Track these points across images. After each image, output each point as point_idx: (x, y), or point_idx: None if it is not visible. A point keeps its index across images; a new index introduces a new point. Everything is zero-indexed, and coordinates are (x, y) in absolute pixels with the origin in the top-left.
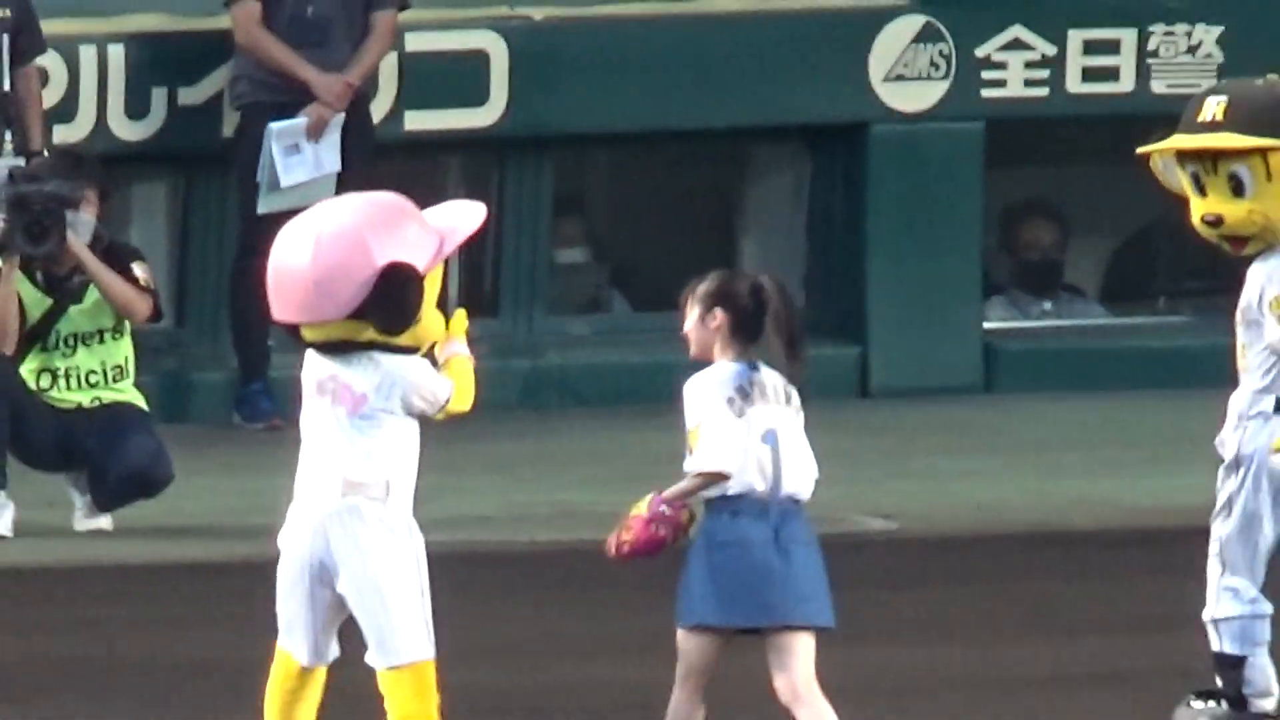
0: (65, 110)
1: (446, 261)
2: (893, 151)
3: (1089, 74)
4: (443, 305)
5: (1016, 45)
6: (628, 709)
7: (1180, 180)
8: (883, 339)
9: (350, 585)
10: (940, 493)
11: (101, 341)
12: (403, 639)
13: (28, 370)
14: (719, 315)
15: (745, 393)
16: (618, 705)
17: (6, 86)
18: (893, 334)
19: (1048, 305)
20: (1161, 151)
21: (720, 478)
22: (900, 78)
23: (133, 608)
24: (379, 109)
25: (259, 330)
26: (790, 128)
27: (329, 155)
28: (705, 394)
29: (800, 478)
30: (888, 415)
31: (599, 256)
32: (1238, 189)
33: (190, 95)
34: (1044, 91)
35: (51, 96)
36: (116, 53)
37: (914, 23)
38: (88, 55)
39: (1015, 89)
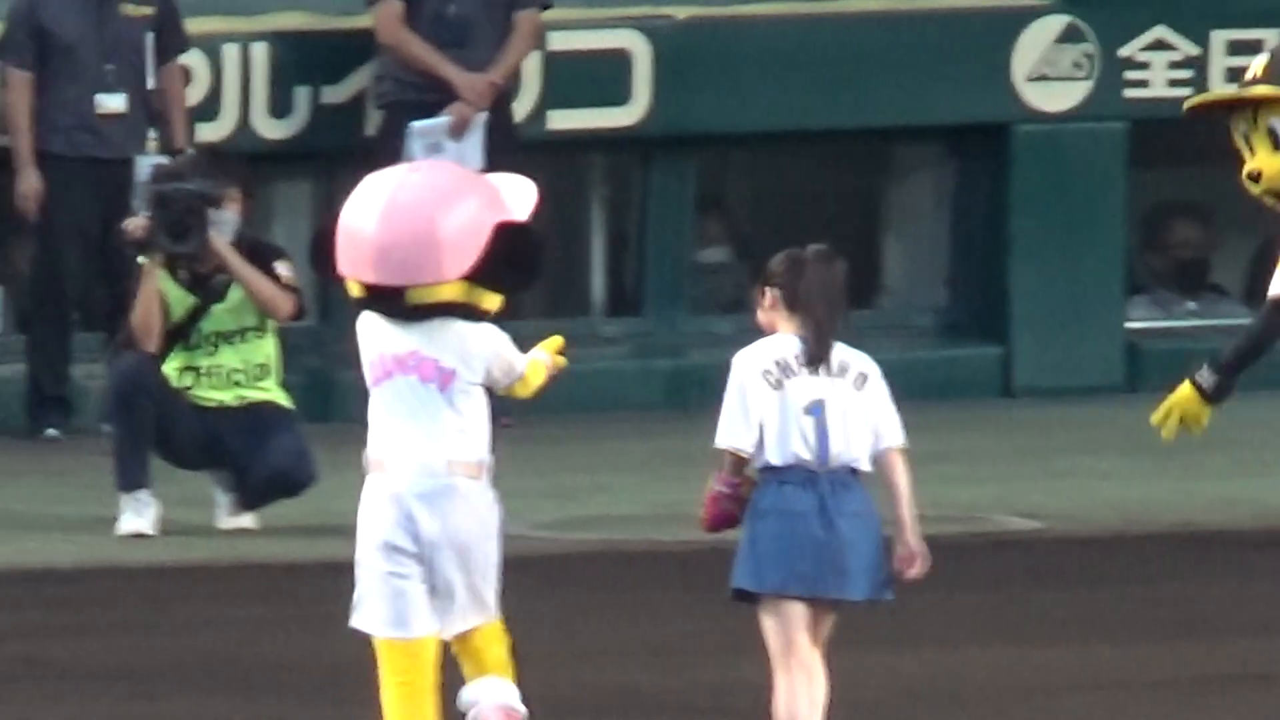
0: (208, 109)
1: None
2: (1035, 152)
3: (1232, 74)
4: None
5: (1160, 46)
6: None
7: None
8: (1026, 339)
9: (450, 558)
10: (1084, 492)
11: (244, 340)
12: (493, 599)
13: (171, 368)
14: (769, 294)
15: (786, 366)
16: (766, 706)
17: (151, 84)
18: (1036, 334)
19: (1192, 305)
20: (1203, 105)
21: (733, 454)
22: (1043, 78)
23: (277, 606)
24: (522, 109)
25: None
26: (933, 128)
27: (472, 154)
28: (738, 368)
29: (853, 448)
30: (1031, 415)
31: (741, 255)
32: (1277, 143)
33: (333, 94)
34: (1188, 92)
35: (195, 95)
36: (260, 51)
37: (1057, 23)
38: (231, 54)
39: (1159, 89)
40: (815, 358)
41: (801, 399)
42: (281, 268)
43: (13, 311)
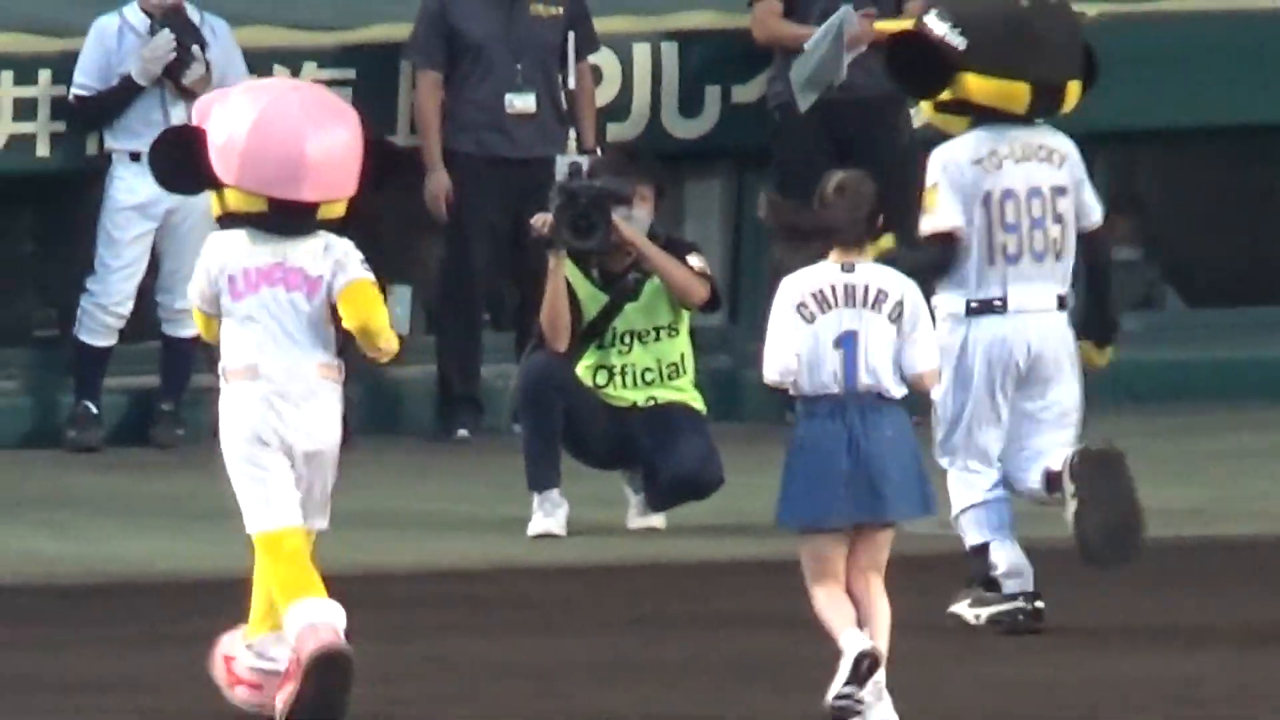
0: (619, 108)
1: None
2: None
3: None
4: None
5: None
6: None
7: None
8: None
9: (312, 459)
10: None
11: (657, 339)
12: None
13: (584, 367)
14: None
15: (822, 299)
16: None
17: (570, 84)
18: None
19: None
20: None
21: (777, 387)
22: None
23: (685, 605)
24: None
25: None
26: None
27: None
28: (778, 302)
29: (882, 376)
30: None
31: (1151, 253)
32: None
33: (743, 93)
34: None
35: (605, 95)
36: (670, 51)
37: None
38: (641, 53)
39: None
40: (858, 290)
41: (832, 332)
42: (694, 259)
43: (422, 312)
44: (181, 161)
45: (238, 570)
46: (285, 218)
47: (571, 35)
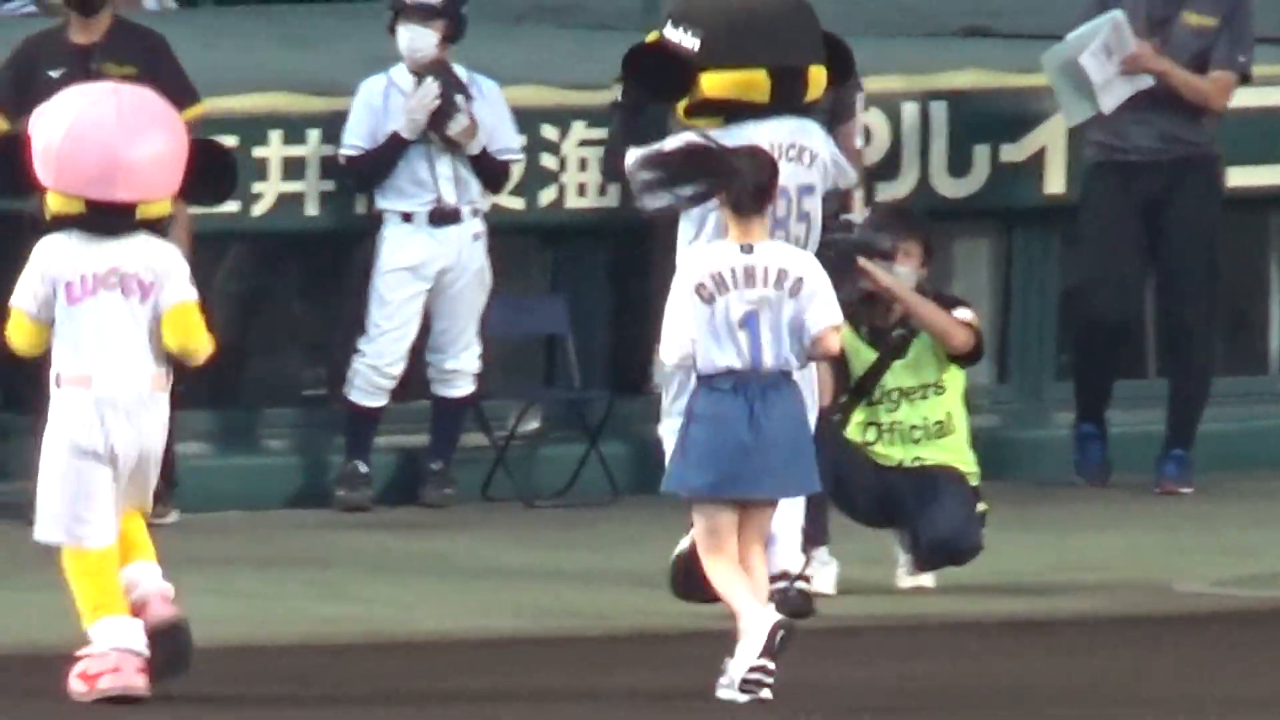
0: (888, 167)
1: None
2: None
3: None
4: None
5: None
6: None
7: None
8: None
9: (139, 464)
10: None
11: (924, 397)
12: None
13: (855, 424)
14: (717, 195)
15: (720, 280)
16: None
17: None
18: None
19: None
20: None
21: (678, 365)
22: None
23: (955, 664)
24: None
25: (1101, 370)
26: None
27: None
28: (676, 284)
29: (784, 354)
30: None
31: None
32: None
33: (1011, 152)
34: None
35: (874, 153)
36: (939, 110)
37: None
38: (910, 112)
39: None
40: (758, 271)
41: (735, 313)
42: (961, 311)
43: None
44: (3, 166)
45: (508, 630)
46: (103, 218)
47: (834, 94)
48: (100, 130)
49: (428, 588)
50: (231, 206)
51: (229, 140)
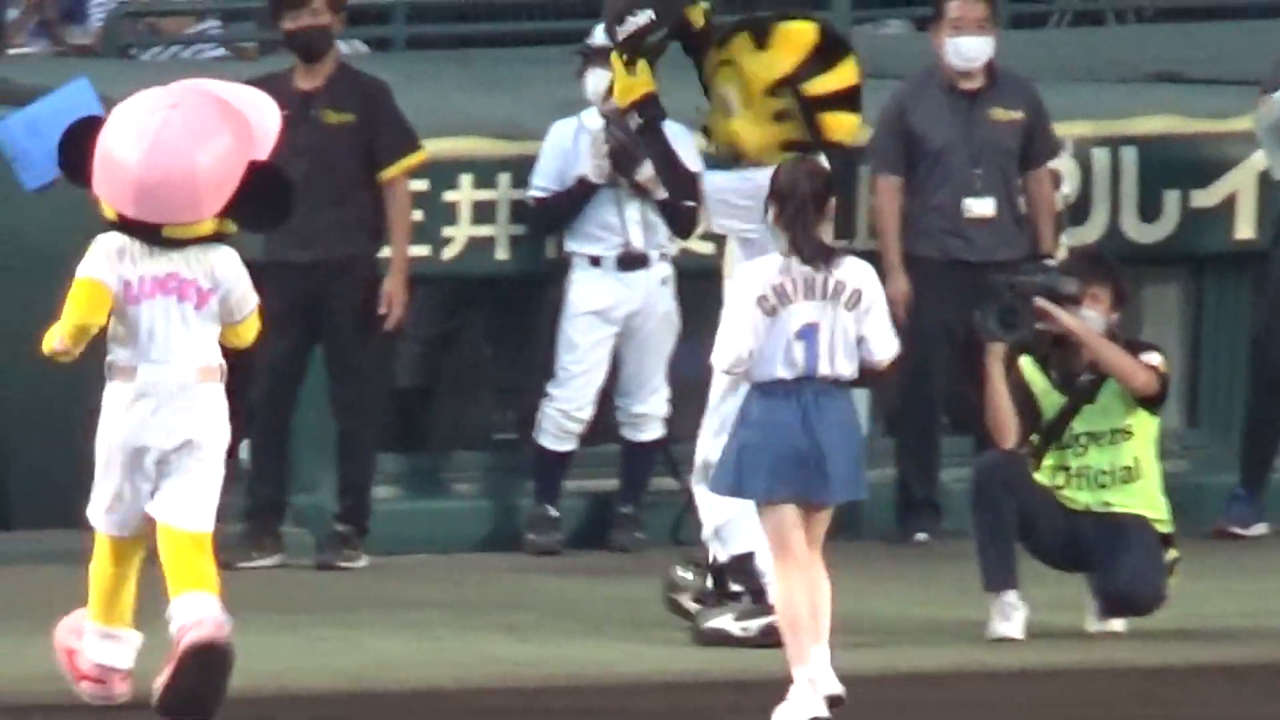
0: (1078, 212)
1: None
2: None
3: None
4: None
5: None
6: None
7: None
8: None
9: (185, 457)
10: None
11: (1112, 443)
12: (212, 509)
13: (1045, 467)
14: (771, 208)
15: (783, 292)
16: None
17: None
18: None
19: None
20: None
21: (730, 371)
22: None
23: (1148, 711)
24: None
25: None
26: None
27: None
28: (737, 293)
29: (839, 364)
30: None
31: None
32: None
33: (1202, 198)
34: None
35: (1065, 198)
36: (1129, 155)
37: None
38: (1100, 158)
39: None
40: (816, 283)
41: (794, 324)
42: (1149, 356)
43: (881, 415)
44: (81, 151)
45: (693, 671)
46: (132, 231)
47: (1027, 140)
48: (131, 145)
49: (617, 631)
50: (422, 250)
51: (420, 184)
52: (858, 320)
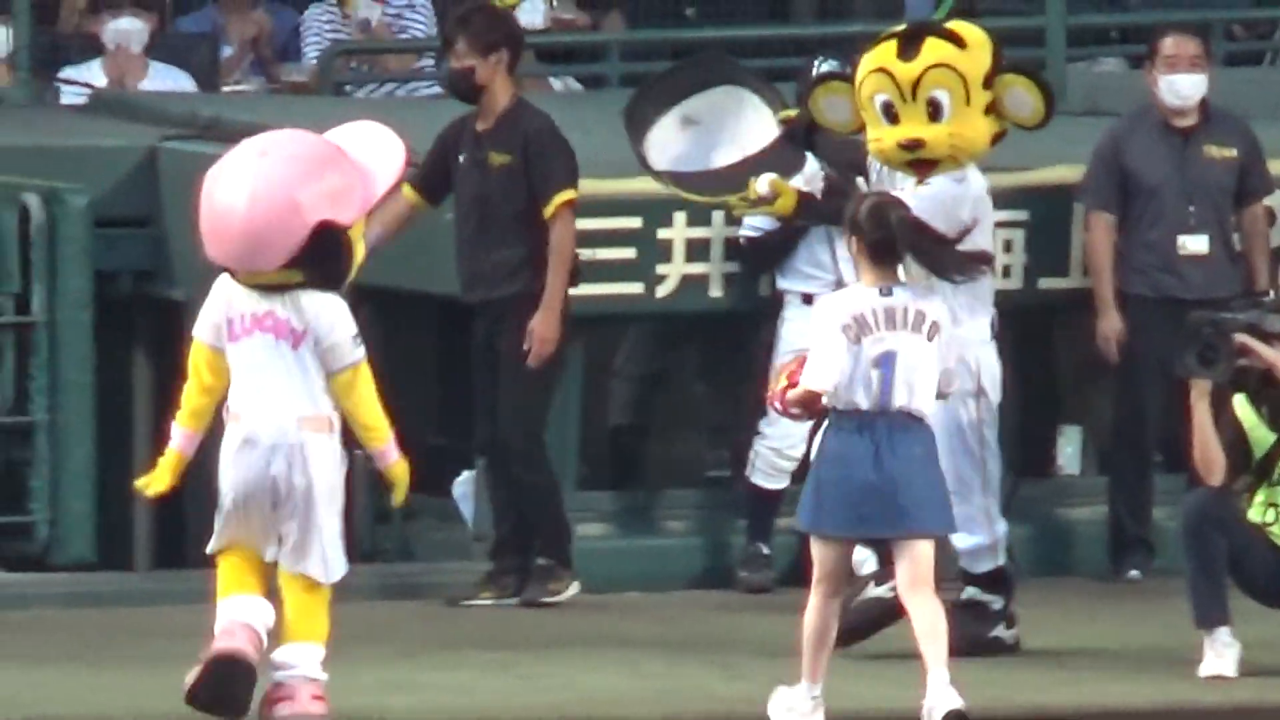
0: None
1: None
2: None
3: None
4: None
5: None
6: None
7: None
8: None
9: (291, 507)
10: None
11: None
12: (327, 559)
13: (1256, 504)
14: (853, 240)
15: (864, 322)
16: None
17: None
18: None
19: None
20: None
21: (816, 395)
22: None
23: None
24: None
25: None
26: None
27: None
28: (824, 319)
29: (917, 396)
30: None
31: None
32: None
33: None
34: None
35: (1278, 235)
36: None
37: None
38: None
39: None
40: (897, 313)
41: (874, 352)
42: None
43: (1094, 452)
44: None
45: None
46: (221, 269)
47: (1241, 177)
48: (209, 187)
49: (830, 669)
50: (636, 288)
51: (633, 221)
52: (937, 350)
